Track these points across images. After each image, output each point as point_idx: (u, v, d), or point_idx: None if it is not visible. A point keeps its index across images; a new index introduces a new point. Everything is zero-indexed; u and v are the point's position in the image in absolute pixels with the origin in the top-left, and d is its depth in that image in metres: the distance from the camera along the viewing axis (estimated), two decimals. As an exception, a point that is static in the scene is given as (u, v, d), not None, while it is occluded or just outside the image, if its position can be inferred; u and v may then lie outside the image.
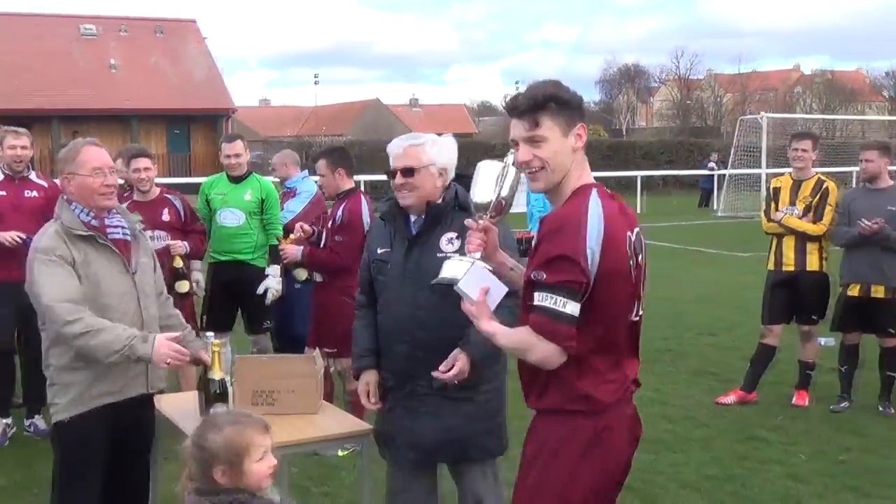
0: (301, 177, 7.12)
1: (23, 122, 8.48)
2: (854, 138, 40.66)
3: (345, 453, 5.65)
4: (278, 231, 6.46)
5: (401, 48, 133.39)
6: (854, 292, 6.75)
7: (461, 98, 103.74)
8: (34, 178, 6.04)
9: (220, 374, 3.73)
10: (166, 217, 6.22)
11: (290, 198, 6.97)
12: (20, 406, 6.37)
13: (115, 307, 3.64)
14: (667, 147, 38.91)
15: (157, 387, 3.90)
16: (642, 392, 3.03)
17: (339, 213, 5.69)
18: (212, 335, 3.94)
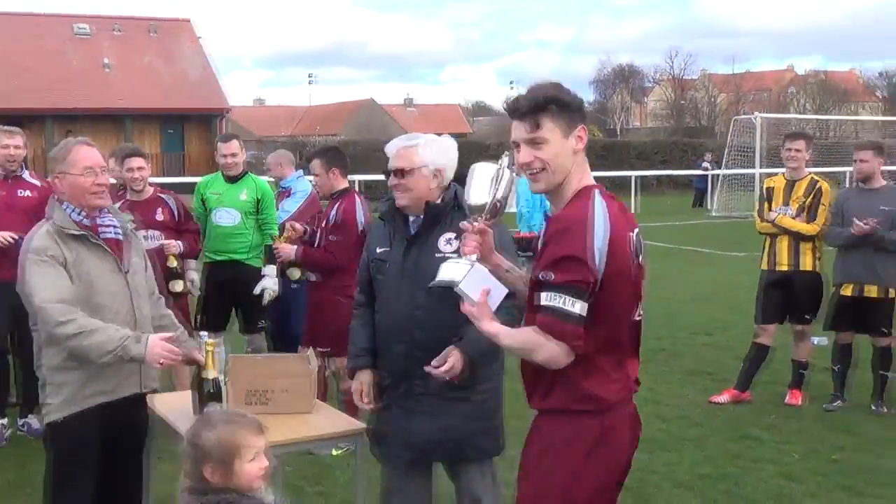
0: (296, 176, 7.12)
1: (16, 122, 8.46)
2: (847, 138, 40.79)
3: (339, 452, 5.65)
4: (274, 231, 6.47)
5: (396, 48, 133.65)
6: (847, 292, 6.76)
7: (456, 98, 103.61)
8: (28, 178, 6.02)
9: (214, 373, 3.72)
10: (160, 217, 6.22)
11: (285, 197, 6.98)
12: (16, 406, 6.35)
13: (108, 307, 3.64)
14: (661, 147, 38.93)
15: (151, 386, 3.90)
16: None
17: (334, 212, 5.71)
18: (206, 334, 3.94)
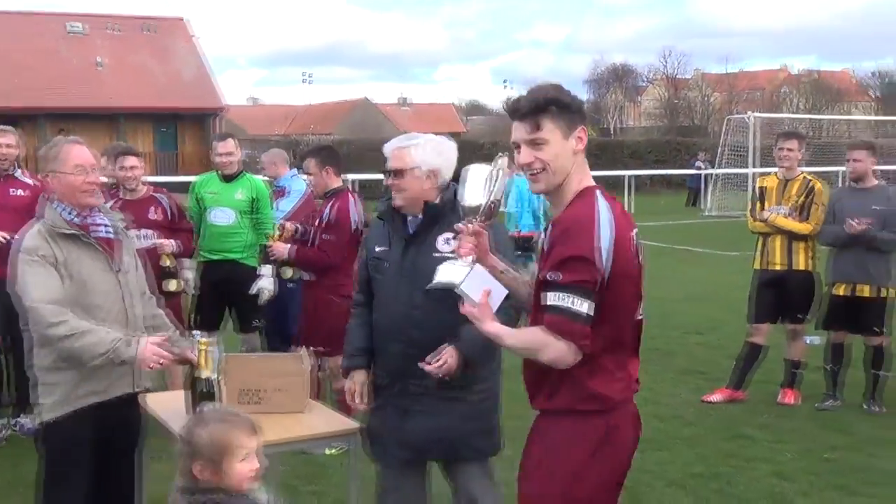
0: (290, 175, 7.11)
1: (9, 121, 8.43)
2: (841, 138, 40.80)
3: (333, 452, 5.64)
4: (270, 230, 6.45)
5: (391, 47, 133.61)
6: (840, 291, 6.78)
7: (450, 97, 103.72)
8: (21, 177, 6.01)
9: (207, 372, 3.71)
10: (154, 216, 6.20)
11: (280, 197, 6.97)
12: (9, 405, 6.33)
13: (101, 306, 3.62)
14: (655, 146, 38.97)
15: (144, 386, 3.89)
16: (630, 391, 3.03)
17: (328, 211, 5.70)
18: (199, 334, 3.92)
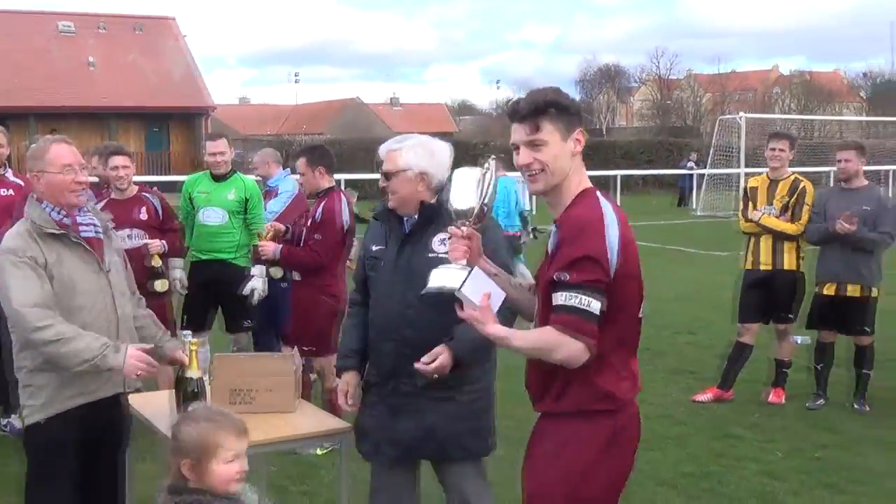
0: (282, 175, 7.10)
1: (-1, 120, 8.40)
2: (831, 138, 41.00)
3: (323, 452, 5.65)
4: (261, 230, 6.44)
5: (380, 47, 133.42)
6: (829, 291, 6.80)
7: (441, 97, 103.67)
8: (10, 177, 5.98)
9: (196, 372, 3.71)
10: (143, 215, 6.17)
11: (271, 197, 6.95)
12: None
13: (90, 307, 3.59)
14: (646, 147, 39.02)
15: (133, 386, 3.85)
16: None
17: (318, 211, 5.70)
18: (188, 333, 3.92)
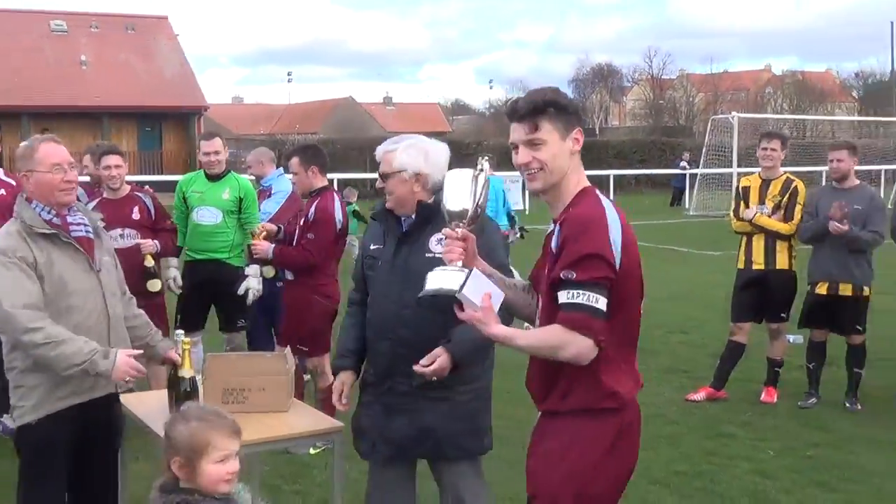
0: (276, 175, 7.09)
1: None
2: (824, 138, 41.08)
3: (316, 451, 5.65)
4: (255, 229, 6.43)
5: (374, 46, 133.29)
6: (821, 290, 6.82)
7: (435, 96, 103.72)
8: (1, 176, 5.96)
9: (190, 372, 3.71)
10: (136, 215, 6.15)
11: (265, 197, 6.94)
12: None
13: (81, 307, 3.58)
14: (639, 146, 39.06)
15: (125, 386, 3.83)
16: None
17: (312, 210, 5.69)
18: (181, 333, 3.91)
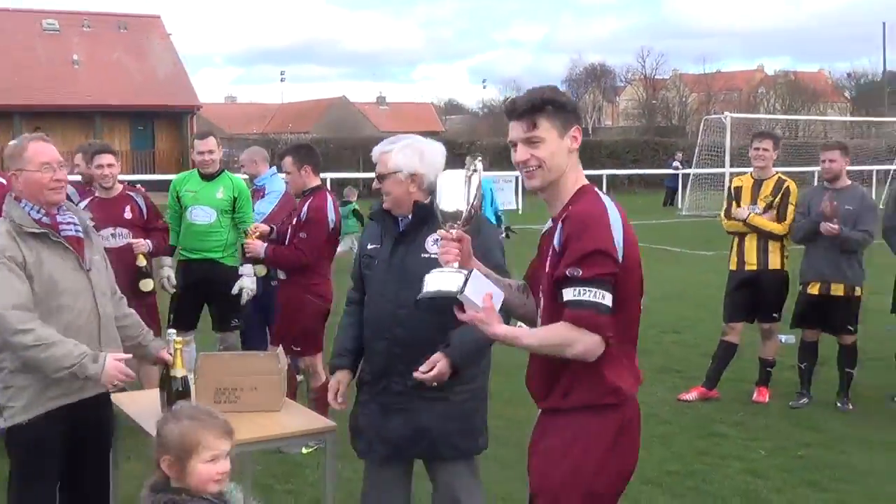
0: (269, 174, 7.08)
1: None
2: (816, 138, 41.20)
3: (308, 451, 5.64)
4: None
5: (368, 46, 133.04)
6: (814, 290, 6.84)
7: (428, 96, 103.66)
8: (-7, 175, 5.95)
9: (182, 371, 3.71)
10: (128, 215, 6.14)
11: (258, 197, 6.92)
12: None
13: (71, 306, 3.56)
14: (632, 146, 39.13)
15: (116, 387, 3.78)
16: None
17: (304, 210, 5.69)
18: (173, 332, 3.91)
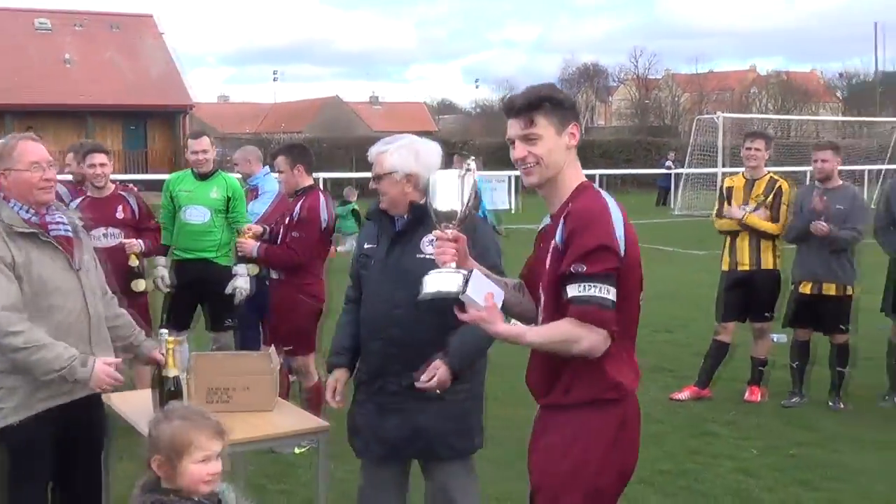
0: (263, 174, 7.07)
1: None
2: (809, 138, 41.28)
3: (301, 451, 5.64)
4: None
5: (361, 45, 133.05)
6: (806, 290, 6.85)
7: (422, 96, 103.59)
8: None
9: (175, 371, 3.70)
10: (120, 214, 6.13)
11: (252, 196, 6.91)
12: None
13: (61, 307, 3.54)
14: (625, 146, 39.18)
15: (105, 390, 3.77)
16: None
17: (297, 209, 5.69)
18: (166, 332, 3.90)
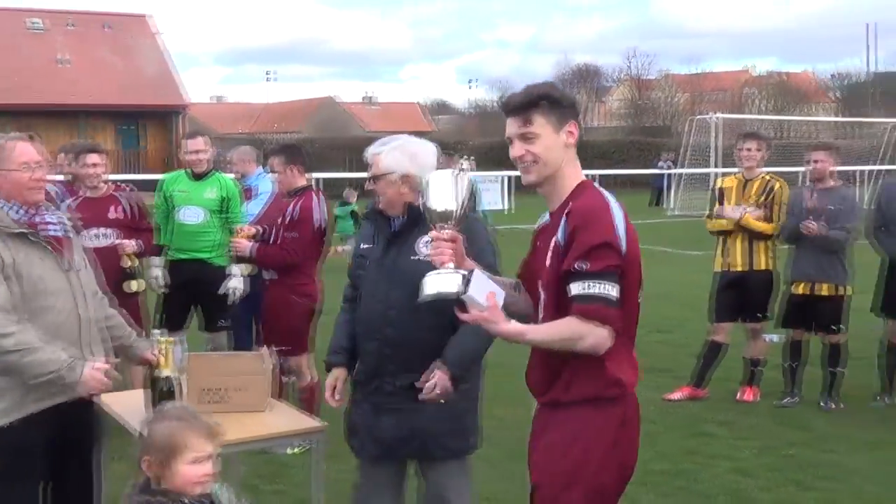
0: (258, 174, 7.05)
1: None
2: (804, 139, 41.34)
3: (295, 451, 5.63)
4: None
5: (356, 45, 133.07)
6: (799, 290, 6.86)
7: (416, 96, 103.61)
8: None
9: (168, 371, 3.68)
10: (113, 215, 6.11)
11: (247, 197, 6.89)
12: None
13: (52, 307, 3.52)
14: (620, 146, 39.23)
15: (95, 395, 3.74)
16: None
17: (291, 209, 5.68)
18: (159, 332, 3.88)
